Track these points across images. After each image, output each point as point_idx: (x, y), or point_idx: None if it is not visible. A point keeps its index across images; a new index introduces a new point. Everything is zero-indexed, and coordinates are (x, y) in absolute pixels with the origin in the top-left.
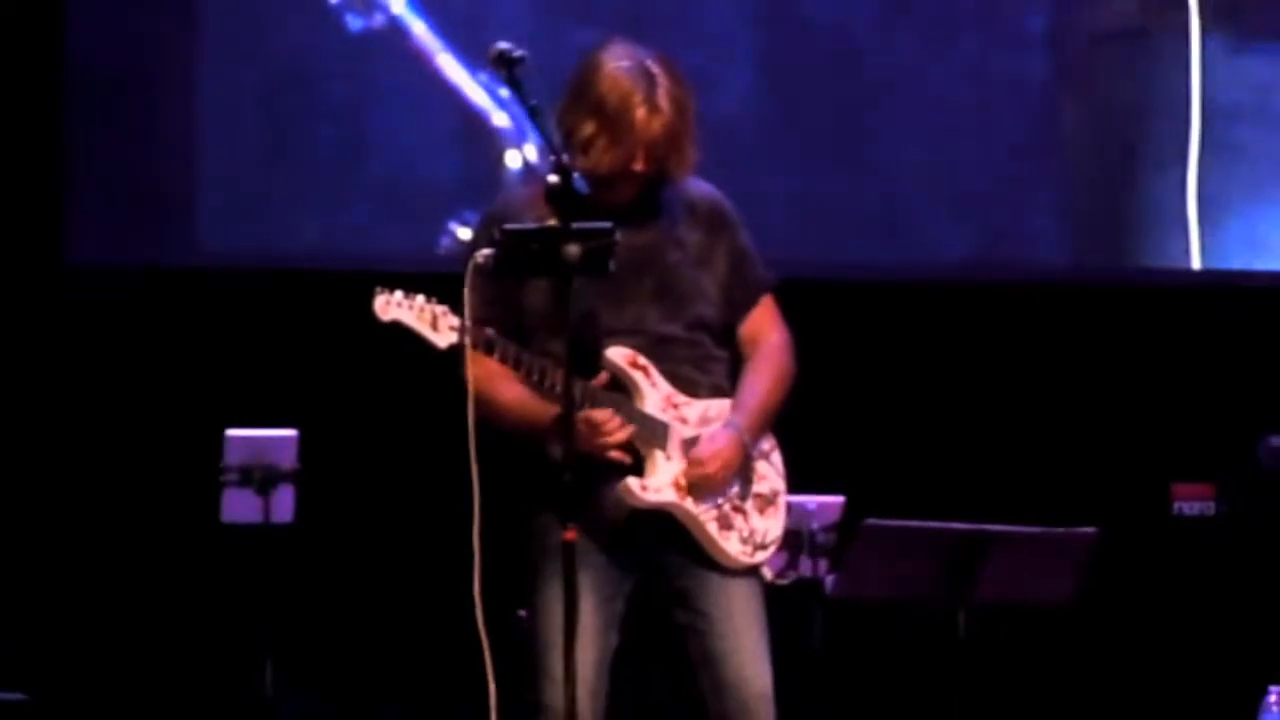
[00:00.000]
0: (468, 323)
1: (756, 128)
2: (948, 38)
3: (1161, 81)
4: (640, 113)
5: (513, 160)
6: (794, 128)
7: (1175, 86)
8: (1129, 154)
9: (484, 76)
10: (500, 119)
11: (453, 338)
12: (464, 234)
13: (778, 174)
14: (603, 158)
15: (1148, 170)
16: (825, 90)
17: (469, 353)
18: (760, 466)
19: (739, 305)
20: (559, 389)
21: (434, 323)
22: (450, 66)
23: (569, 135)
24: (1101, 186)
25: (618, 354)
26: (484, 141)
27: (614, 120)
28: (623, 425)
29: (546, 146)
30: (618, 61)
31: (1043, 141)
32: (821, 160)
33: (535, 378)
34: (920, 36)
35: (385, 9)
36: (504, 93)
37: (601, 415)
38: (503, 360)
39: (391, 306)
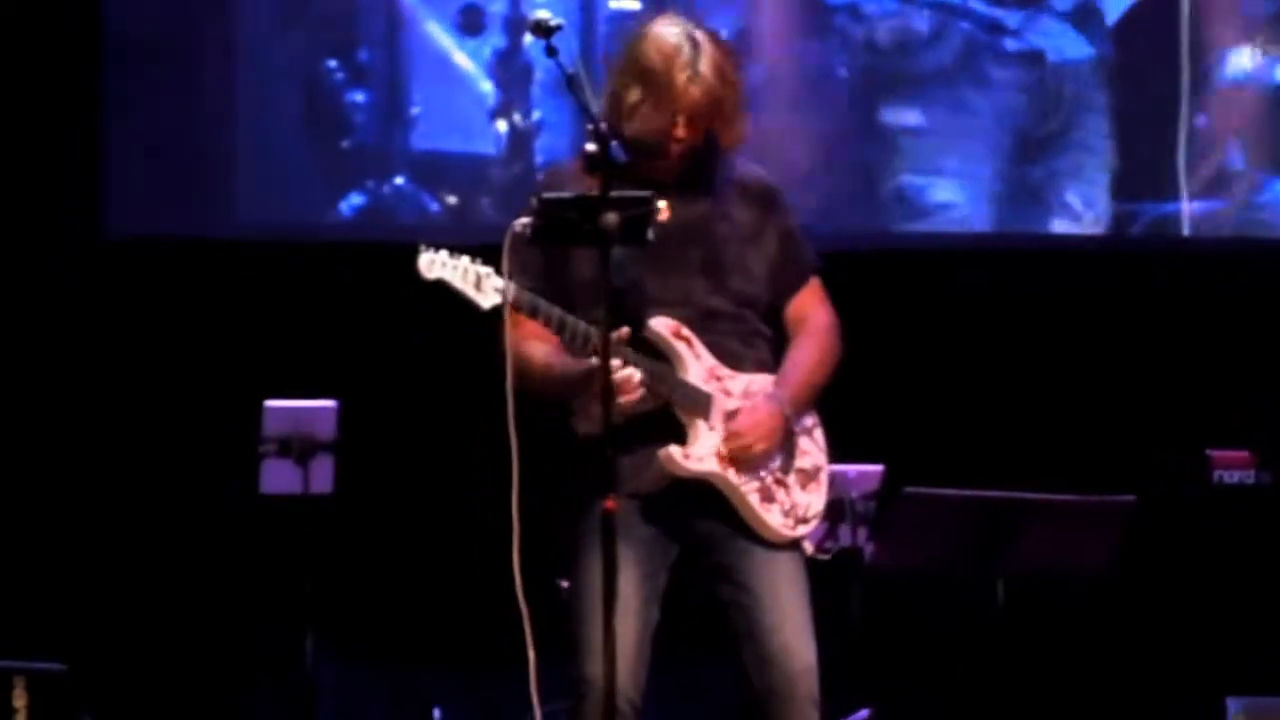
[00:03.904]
0: (510, 285)
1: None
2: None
3: None
4: (681, 76)
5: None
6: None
7: None
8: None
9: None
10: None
11: (496, 299)
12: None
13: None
14: (645, 122)
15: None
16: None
17: (509, 315)
18: (803, 442)
19: (787, 287)
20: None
21: (478, 283)
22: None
23: (618, 102)
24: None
25: (661, 324)
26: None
27: (656, 84)
28: (640, 382)
29: (584, 115)
30: (664, 28)
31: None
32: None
33: (578, 342)
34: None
35: None
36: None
37: (614, 365)
38: (546, 323)
39: (436, 265)
